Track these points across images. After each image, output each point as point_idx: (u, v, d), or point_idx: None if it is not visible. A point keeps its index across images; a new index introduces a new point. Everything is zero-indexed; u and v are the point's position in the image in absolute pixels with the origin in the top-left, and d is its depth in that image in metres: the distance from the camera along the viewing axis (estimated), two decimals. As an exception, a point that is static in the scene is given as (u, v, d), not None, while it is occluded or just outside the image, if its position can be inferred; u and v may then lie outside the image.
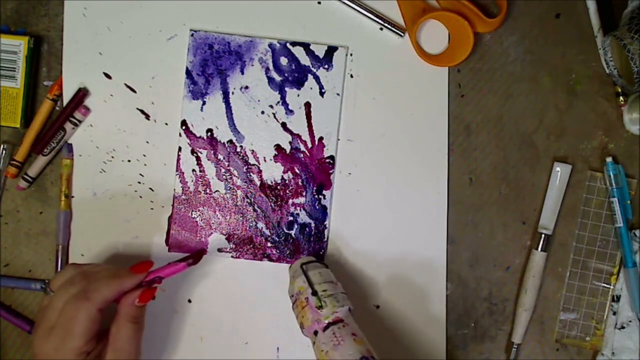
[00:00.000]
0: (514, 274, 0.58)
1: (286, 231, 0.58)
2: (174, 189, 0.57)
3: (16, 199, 0.58)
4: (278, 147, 0.57)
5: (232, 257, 0.57)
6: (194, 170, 0.57)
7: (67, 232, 0.57)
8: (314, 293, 0.51)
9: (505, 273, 0.58)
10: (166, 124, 0.57)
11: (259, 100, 0.57)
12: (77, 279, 0.49)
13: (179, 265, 0.52)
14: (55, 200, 0.58)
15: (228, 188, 0.58)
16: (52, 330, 0.47)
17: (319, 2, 0.57)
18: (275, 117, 0.57)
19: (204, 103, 0.57)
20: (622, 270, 0.58)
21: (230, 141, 0.57)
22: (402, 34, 0.57)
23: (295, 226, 0.57)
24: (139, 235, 0.57)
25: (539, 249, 0.57)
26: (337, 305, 0.50)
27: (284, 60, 0.57)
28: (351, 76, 0.57)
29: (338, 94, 0.57)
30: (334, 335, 0.49)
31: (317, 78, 0.57)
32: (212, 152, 0.57)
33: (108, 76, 0.57)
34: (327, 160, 0.58)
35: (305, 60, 0.57)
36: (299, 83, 0.57)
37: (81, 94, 0.56)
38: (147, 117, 0.57)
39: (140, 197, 0.57)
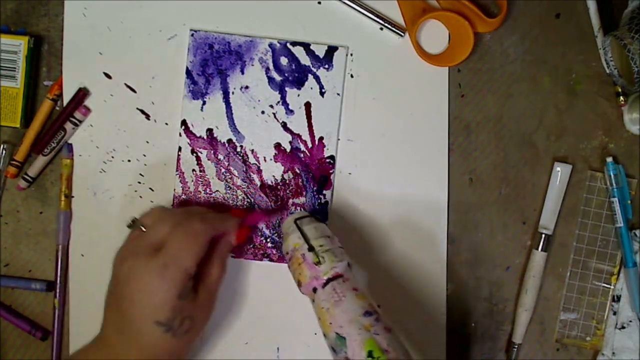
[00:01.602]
0: (514, 274, 0.58)
1: (286, 231, 0.57)
2: (174, 189, 0.57)
3: (16, 199, 0.58)
4: (278, 147, 0.57)
5: (232, 257, 0.57)
6: (194, 170, 0.57)
7: (67, 232, 0.57)
8: (311, 249, 0.49)
9: (505, 273, 0.58)
10: (166, 124, 0.57)
11: (259, 100, 0.57)
12: (180, 211, 0.52)
13: (270, 215, 0.56)
14: (55, 200, 0.58)
15: (228, 188, 0.57)
16: (159, 251, 0.47)
17: (319, 2, 0.57)
18: (275, 117, 0.57)
19: (204, 103, 0.57)
20: (622, 270, 0.58)
21: (230, 141, 0.57)
22: (402, 34, 0.57)
23: (296, 226, 0.57)
24: (139, 235, 0.57)
25: (539, 249, 0.57)
26: (336, 260, 0.48)
27: (284, 60, 0.57)
28: (351, 76, 0.57)
29: (338, 94, 0.57)
30: (335, 291, 0.47)
31: (317, 78, 0.57)
32: (212, 152, 0.57)
33: (108, 76, 0.57)
34: (327, 160, 0.58)
35: (305, 60, 0.57)
36: (299, 83, 0.57)
37: (81, 94, 0.56)
38: (147, 117, 0.57)
39: (140, 197, 0.57)
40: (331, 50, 0.57)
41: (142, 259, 0.47)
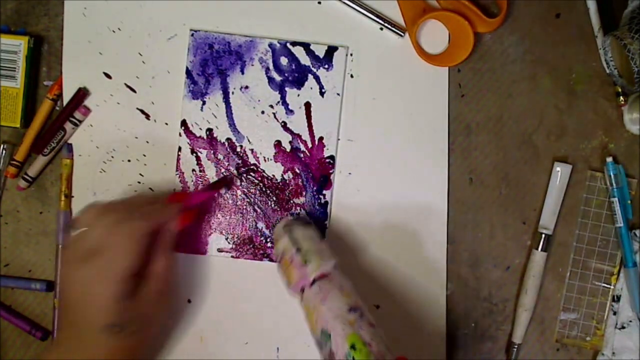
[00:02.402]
0: (514, 274, 0.58)
1: (286, 231, 0.57)
2: (174, 189, 0.57)
3: (16, 199, 0.58)
4: (278, 147, 0.57)
5: (232, 257, 0.57)
6: (193, 170, 0.57)
7: (67, 232, 0.57)
8: (298, 250, 0.50)
9: (505, 273, 0.58)
10: (166, 124, 0.57)
11: (259, 100, 0.57)
12: (117, 208, 0.49)
13: (213, 191, 0.54)
14: (55, 200, 0.58)
15: (228, 188, 0.57)
16: (95, 254, 0.47)
17: (319, 2, 0.57)
18: (275, 117, 0.57)
19: (204, 103, 0.57)
20: (622, 270, 0.58)
21: (230, 141, 0.57)
22: (402, 34, 0.57)
23: (295, 226, 0.57)
24: (139, 235, 0.57)
25: (539, 249, 0.57)
26: (322, 260, 0.50)
27: (284, 60, 0.57)
28: (351, 76, 0.57)
29: (338, 94, 0.57)
30: (321, 290, 0.49)
31: (317, 78, 0.57)
32: (212, 152, 0.57)
33: (108, 76, 0.57)
34: (327, 160, 0.57)
35: (305, 60, 0.57)
36: (299, 83, 0.57)
37: (81, 94, 0.56)
38: (147, 117, 0.57)
39: (140, 197, 0.58)
40: (331, 50, 0.57)
41: (79, 263, 0.47)
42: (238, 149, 0.57)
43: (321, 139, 0.57)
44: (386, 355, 0.45)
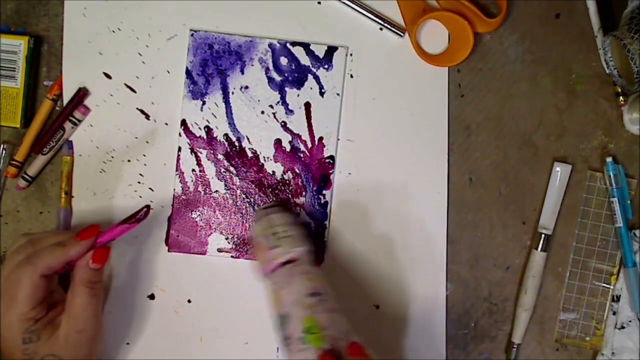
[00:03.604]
0: (514, 274, 0.58)
1: (286, 231, 0.57)
2: (174, 189, 0.57)
3: (16, 199, 0.58)
4: (278, 147, 0.57)
5: (232, 257, 0.58)
6: (193, 170, 0.57)
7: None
8: (270, 235, 0.51)
9: (505, 273, 0.58)
10: (166, 124, 0.57)
11: (259, 100, 0.57)
12: (23, 247, 0.49)
13: (127, 225, 0.51)
14: (55, 200, 0.58)
15: (228, 188, 0.57)
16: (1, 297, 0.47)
17: (319, 2, 0.57)
18: (275, 117, 0.57)
19: (203, 103, 0.57)
20: (622, 270, 0.58)
21: (230, 141, 0.57)
22: (402, 34, 0.57)
23: (295, 226, 0.57)
24: (139, 235, 0.57)
25: (539, 249, 0.57)
26: (293, 245, 0.50)
27: (284, 60, 0.57)
28: (351, 76, 0.57)
29: (338, 94, 0.57)
30: (286, 274, 0.49)
31: (317, 78, 0.57)
32: (211, 151, 0.57)
33: (108, 76, 0.57)
34: (327, 160, 0.58)
35: (305, 60, 0.57)
36: (299, 83, 0.57)
37: (81, 93, 0.56)
38: (147, 117, 0.57)
39: (140, 197, 0.57)
40: (331, 50, 0.57)
41: None
42: (238, 149, 0.57)
43: (321, 139, 0.57)
44: (341, 341, 0.45)
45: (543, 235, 0.57)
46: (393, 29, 0.57)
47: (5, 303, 0.47)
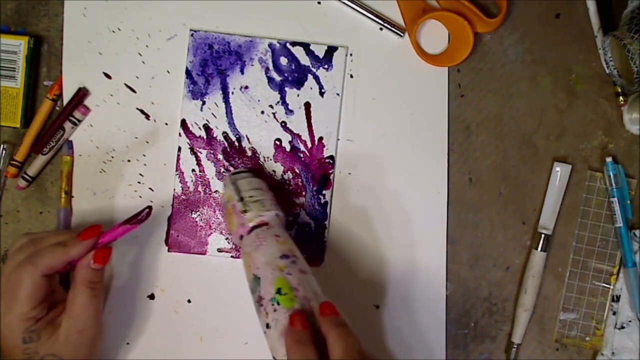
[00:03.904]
0: (514, 274, 0.58)
1: (286, 231, 0.57)
2: (174, 189, 0.57)
3: (16, 199, 0.58)
4: (278, 147, 0.57)
5: (232, 257, 0.58)
6: (193, 170, 0.57)
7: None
8: (240, 199, 0.51)
9: (505, 273, 0.58)
10: (166, 124, 0.57)
11: (258, 100, 0.57)
12: (24, 246, 0.49)
13: (129, 226, 0.51)
14: (55, 200, 0.58)
15: (228, 188, 0.58)
16: (1, 296, 0.47)
17: (319, 2, 0.57)
18: (275, 117, 0.57)
19: (203, 103, 0.57)
20: (622, 270, 0.58)
21: (230, 141, 0.57)
22: (402, 34, 0.57)
23: (295, 226, 0.57)
24: (139, 236, 0.57)
25: (539, 249, 0.57)
26: (263, 209, 0.51)
27: (283, 60, 0.57)
28: (351, 76, 0.57)
29: (338, 94, 0.57)
30: (257, 237, 0.49)
31: (317, 78, 0.57)
32: (211, 152, 0.57)
33: (108, 76, 0.57)
34: (327, 160, 0.58)
35: (305, 60, 0.57)
36: (298, 83, 0.57)
37: (81, 93, 0.56)
38: (147, 117, 0.57)
39: (140, 197, 0.57)
40: (331, 50, 0.57)
41: None
42: (238, 149, 0.57)
43: (321, 139, 0.57)
44: (312, 301, 0.45)
45: (543, 235, 0.57)
46: (393, 29, 0.57)
47: (5, 302, 0.47)
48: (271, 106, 0.57)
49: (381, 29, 0.57)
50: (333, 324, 0.43)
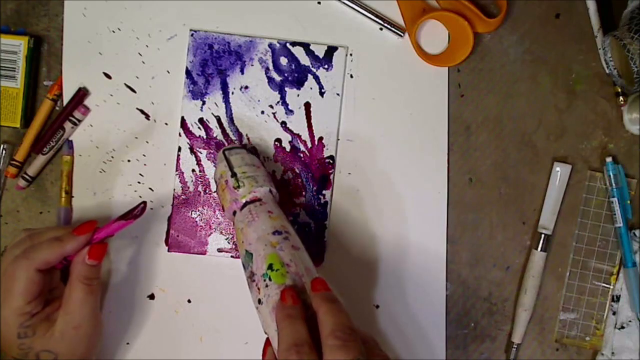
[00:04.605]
0: (514, 274, 0.58)
1: (286, 231, 0.57)
2: (174, 189, 0.57)
3: (16, 199, 0.58)
4: (278, 147, 0.57)
5: (232, 257, 0.58)
6: (193, 170, 0.57)
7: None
8: (233, 175, 0.51)
9: (505, 273, 0.58)
10: (166, 124, 0.57)
11: (259, 100, 0.57)
12: (22, 241, 0.49)
13: (124, 222, 0.51)
14: (55, 200, 0.58)
15: (228, 188, 0.58)
16: None
17: (319, 2, 0.57)
18: (275, 117, 0.57)
19: (203, 103, 0.57)
20: (622, 270, 0.58)
21: (230, 141, 0.57)
22: (402, 34, 0.57)
23: (295, 226, 0.57)
24: (139, 235, 0.57)
25: (539, 249, 0.57)
26: (256, 185, 0.51)
27: (283, 60, 0.57)
28: (351, 76, 0.57)
29: (338, 94, 0.57)
30: (250, 212, 0.49)
31: (317, 78, 0.57)
32: (211, 152, 0.57)
33: (108, 76, 0.57)
34: (327, 160, 0.58)
35: (305, 60, 0.57)
36: (298, 83, 0.57)
37: (81, 93, 0.56)
38: (147, 117, 0.57)
39: (140, 197, 0.57)
40: (331, 50, 0.57)
41: None
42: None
43: (321, 139, 0.57)
44: (304, 277, 0.45)
45: (543, 235, 0.57)
46: (393, 29, 0.57)
47: (1, 296, 0.47)
48: (271, 106, 0.57)
49: (381, 29, 0.57)
50: (324, 300, 0.43)
